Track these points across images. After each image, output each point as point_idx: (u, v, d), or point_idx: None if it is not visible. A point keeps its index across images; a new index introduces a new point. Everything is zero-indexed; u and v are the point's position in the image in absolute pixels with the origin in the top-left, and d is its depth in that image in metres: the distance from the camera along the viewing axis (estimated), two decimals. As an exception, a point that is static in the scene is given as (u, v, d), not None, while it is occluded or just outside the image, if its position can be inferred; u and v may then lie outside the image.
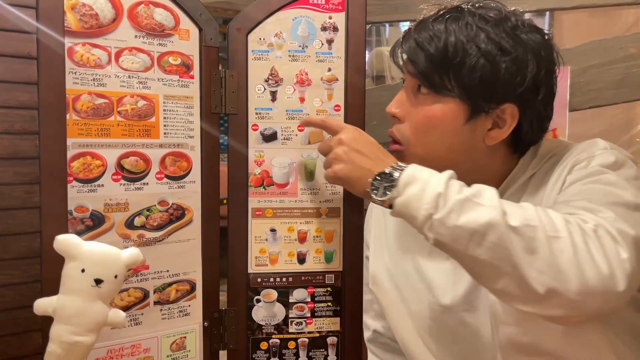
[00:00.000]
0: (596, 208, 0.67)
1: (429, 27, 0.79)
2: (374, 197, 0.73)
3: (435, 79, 0.78)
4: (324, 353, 0.95)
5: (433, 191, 0.66)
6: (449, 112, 0.79)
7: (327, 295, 0.95)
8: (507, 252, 0.61)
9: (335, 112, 0.93)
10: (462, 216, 0.63)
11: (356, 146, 0.77)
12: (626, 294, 0.61)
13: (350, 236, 0.94)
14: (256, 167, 0.91)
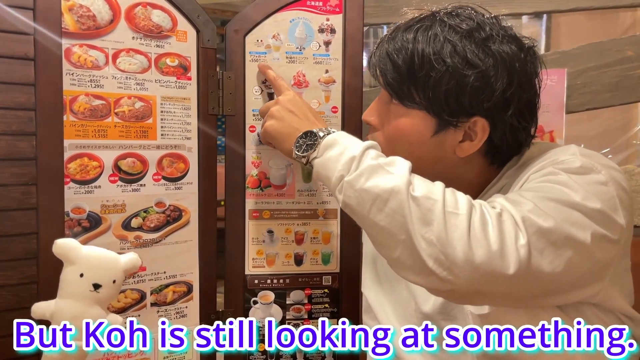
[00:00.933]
0: (521, 200, 0.66)
1: (399, 36, 0.77)
2: (296, 153, 0.76)
3: (403, 91, 0.76)
4: (322, 355, 0.95)
5: (349, 154, 0.68)
6: (416, 125, 0.76)
7: (324, 296, 0.95)
8: (404, 219, 0.61)
9: (332, 113, 0.93)
10: (370, 180, 0.64)
11: (290, 107, 0.81)
12: (520, 280, 0.61)
13: (347, 238, 0.95)
14: (253, 169, 0.91)
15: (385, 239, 0.64)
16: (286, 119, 0.80)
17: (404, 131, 0.77)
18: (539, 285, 0.63)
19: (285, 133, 0.79)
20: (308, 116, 0.80)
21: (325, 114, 0.93)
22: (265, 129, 0.83)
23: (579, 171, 0.69)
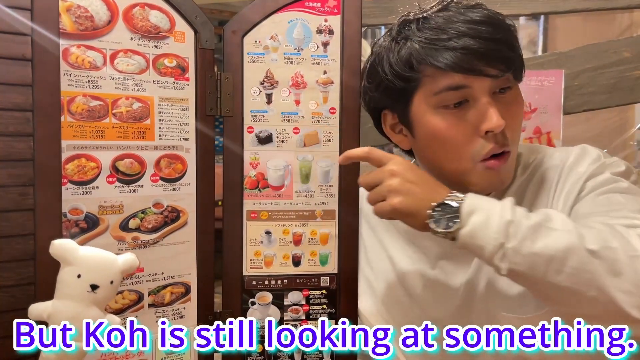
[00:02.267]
0: (634, 216, 0.68)
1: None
2: (436, 229, 0.69)
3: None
4: (319, 355, 0.94)
5: (501, 219, 0.64)
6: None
7: (322, 297, 0.95)
8: (591, 276, 0.60)
9: (330, 114, 0.93)
10: (537, 242, 0.62)
11: (411, 177, 0.73)
12: None
13: (345, 239, 0.94)
14: (251, 170, 0.91)
15: (568, 298, 0.63)
16: (414, 192, 0.72)
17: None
18: None
19: (415, 209, 0.72)
20: (431, 184, 0.74)
21: (324, 114, 0.93)
22: (393, 207, 0.73)
23: (625, 175, 0.78)
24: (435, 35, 0.77)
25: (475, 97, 0.78)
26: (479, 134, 0.78)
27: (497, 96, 0.79)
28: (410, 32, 0.81)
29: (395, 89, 0.83)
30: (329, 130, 0.93)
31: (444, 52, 0.76)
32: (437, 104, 0.80)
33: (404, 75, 0.80)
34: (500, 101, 0.79)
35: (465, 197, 0.69)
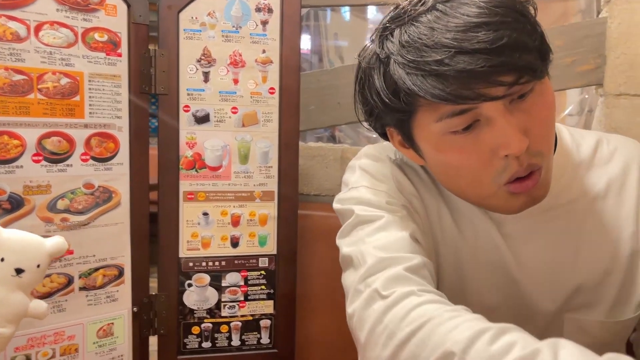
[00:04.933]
0: None
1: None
2: None
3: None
4: (257, 336, 0.95)
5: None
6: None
7: (260, 278, 0.94)
8: None
9: (270, 94, 0.92)
10: None
11: None
12: None
13: (284, 220, 0.94)
14: (188, 150, 0.89)
15: None
16: None
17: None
18: None
19: None
20: None
21: (263, 94, 0.92)
22: None
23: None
24: (419, 55, 0.60)
25: (487, 116, 0.61)
26: (498, 156, 0.62)
27: (515, 104, 0.62)
28: (393, 46, 0.64)
29: (390, 113, 0.66)
30: (268, 111, 0.92)
31: (434, 80, 0.59)
32: (442, 131, 0.63)
33: (394, 107, 0.64)
34: (521, 109, 0.62)
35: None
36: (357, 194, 0.70)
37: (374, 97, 0.67)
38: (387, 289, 0.56)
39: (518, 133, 0.60)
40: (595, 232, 0.72)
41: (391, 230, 0.65)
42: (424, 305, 0.53)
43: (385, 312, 0.54)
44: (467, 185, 0.67)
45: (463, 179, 0.66)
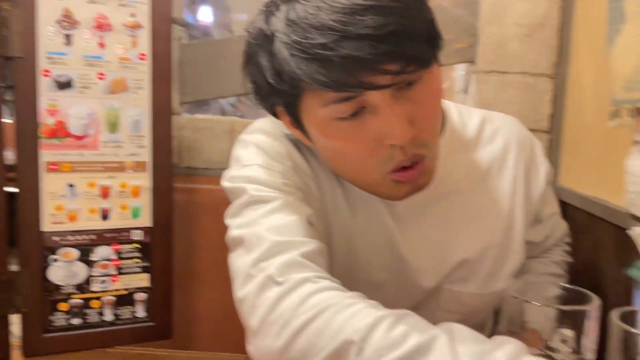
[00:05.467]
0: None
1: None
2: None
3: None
4: (132, 310, 0.92)
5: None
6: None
7: (134, 252, 0.92)
8: None
9: (140, 60, 0.88)
10: None
11: None
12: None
13: (159, 191, 0.92)
14: (49, 117, 0.84)
15: None
16: None
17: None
18: None
19: None
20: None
21: (132, 60, 0.88)
22: None
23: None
24: (304, 36, 0.57)
25: (372, 104, 0.60)
26: (383, 145, 0.62)
27: (402, 92, 0.61)
28: (278, 22, 0.60)
29: (276, 93, 0.63)
30: (139, 77, 0.89)
31: (318, 65, 0.56)
32: (328, 117, 0.62)
33: (279, 89, 0.61)
34: (407, 98, 0.61)
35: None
36: (250, 173, 0.66)
37: (259, 76, 0.63)
38: (282, 275, 0.54)
39: (403, 123, 0.60)
40: (478, 210, 0.76)
41: (286, 213, 0.62)
42: (320, 293, 0.52)
43: (280, 300, 0.52)
44: (353, 171, 0.67)
45: (349, 166, 0.66)
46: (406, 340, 0.46)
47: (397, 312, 0.49)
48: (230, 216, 0.64)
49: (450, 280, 0.76)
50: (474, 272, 0.76)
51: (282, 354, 0.50)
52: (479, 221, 0.76)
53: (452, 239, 0.75)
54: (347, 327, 0.48)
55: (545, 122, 1.25)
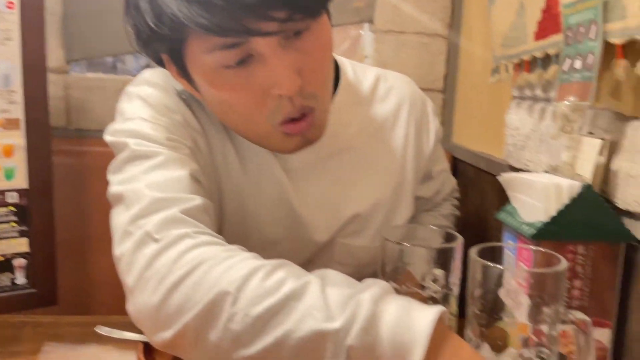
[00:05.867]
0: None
1: None
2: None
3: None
4: (11, 277, 0.87)
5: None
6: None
7: (10, 215, 0.86)
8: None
9: (8, 9, 0.81)
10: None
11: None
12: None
13: (35, 151, 0.86)
14: None
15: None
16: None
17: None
18: None
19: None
20: None
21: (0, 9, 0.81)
22: None
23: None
24: None
25: (259, 52, 0.58)
26: (271, 95, 0.61)
27: (291, 42, 0.60)
28: None
29: (159, 39, 0.60)
30: (7, 27, 0.82)
31: (200, 8, 0.54)
32: (214, 64, 0.59)
33: (161, 33, 0.58)
34: (295, 48, 0.60)
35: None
36: (133, 126, 0.63)
37: (140, 19, 0.59)
38: (160, 232, 0.52)
39: (291, 73, 0.58)
40: (370, 166, 0.78)
41: (170, 169, 0.60)
42: (198, 248, 0.51)
43: (156, 256, 0.51)
44: (242, 123, 0.65)
45: (238, 117, 0.64)
46: (280, 287, 0.46)
47: (273, 262, 0.49)
48: (111, 172, 0.62)
49: (342, 234, 0.77)
50: (365, 226, 0.78)
51: (159, 310, 0.49)
52: (371, 177, 0.77)
53: (344, 194, 0.76)
54: (223, 279, 0.47)
55: (440, 82, 1.29)
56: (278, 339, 0.44)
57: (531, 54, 0.74)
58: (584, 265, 0.57)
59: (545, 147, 0.76)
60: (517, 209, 0.63)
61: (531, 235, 0.56)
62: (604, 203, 0.56)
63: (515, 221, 0.61)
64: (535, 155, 0.79)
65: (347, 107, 0.75)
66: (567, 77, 0.63)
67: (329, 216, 0.76)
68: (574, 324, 0.45)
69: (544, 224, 0.56)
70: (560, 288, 0.43)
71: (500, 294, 0.46)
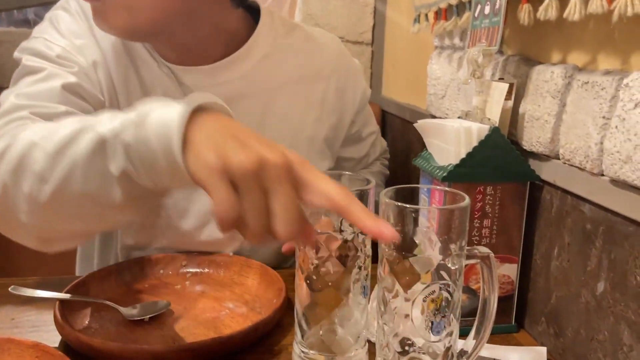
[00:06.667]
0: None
1: None
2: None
3: None
4: None
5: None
6: None
7: None
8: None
9: None
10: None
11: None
12: None
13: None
14: None
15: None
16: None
17: None
18: None
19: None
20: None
21: None
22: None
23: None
24: None
25: None
26: None
27: None
28: None
29: None
30: None
31: None
32: None
33: None
34: None
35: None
36: (33, 45, 0.68)
37: None
38: (2, 128, 0.56)
39: None
40: (283, 115, 0.78)
41: (46, 82, 0.64)
42: (32, 125, 0.54)
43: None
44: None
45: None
46: (74, 124, 0.48)
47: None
48: (10, 85, 0.66)
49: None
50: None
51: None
52: (283, 125, 0.79)
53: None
54: (34, 135, 0.50)
55: (369, 34, 1.29)
56: (70, 161, 0.46)
57: (447, 2, 0.75)
58: (492, 204, 0.60)
59: (462, 94, 0.78)
60: (432, 154, 0.65)
61: (442, 177, 0.58)
62: (510, 145, 0.59)
63: (430, 166, 0.63)
64: (453, 103, 0.82)
65: (262, 44, 0.77)
66: (477, 23, 0.64)
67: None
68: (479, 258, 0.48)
69: (454, 166, 0.58)
70: (464, 224, 0.45)
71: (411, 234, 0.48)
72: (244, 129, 0.43)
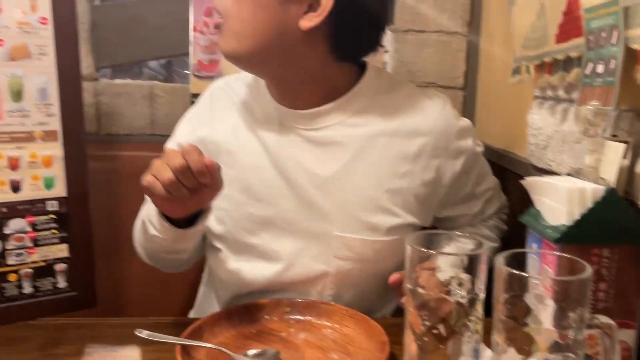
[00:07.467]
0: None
1: None
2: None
3: None
4: (53, 281, 0.91)
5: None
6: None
7: (51, 222, 0.90)
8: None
9: (41, 25, 0.85)
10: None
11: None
12: None
13: (72, 160, 0.90)
14: (-56, 87, 0.80)
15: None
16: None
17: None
18: None
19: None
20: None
21: (33, 25, 0.84)
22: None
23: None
24: None
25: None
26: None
27: None
28: None
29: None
30: (42, 43, 0.85)
31: None
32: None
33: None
34: None
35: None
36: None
37: None
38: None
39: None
40: (372, 164, 0.81)
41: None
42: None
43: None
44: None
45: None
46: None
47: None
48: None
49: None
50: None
51: None
52: (369, 172, 0.80)
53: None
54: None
55: (461, 79, 1.29)
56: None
57: (553, 56, 0.75)
58: (608, 267, 0.58)
59: (567, 147, 0.76)
60: (541, 212, 0.64)
61: (555, 238, 0.57)
62: (627, 206, 0.57)
63: (539, 224, 0.62)
64: (557, 155, 0.80)
65: (364, 108, 0.82)
66: (589, 80, 0.64)
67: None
68: (600, 328, 0.47)
69: (567, 227, 0.57)
70: (585, 294, 0.45)
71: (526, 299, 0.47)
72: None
